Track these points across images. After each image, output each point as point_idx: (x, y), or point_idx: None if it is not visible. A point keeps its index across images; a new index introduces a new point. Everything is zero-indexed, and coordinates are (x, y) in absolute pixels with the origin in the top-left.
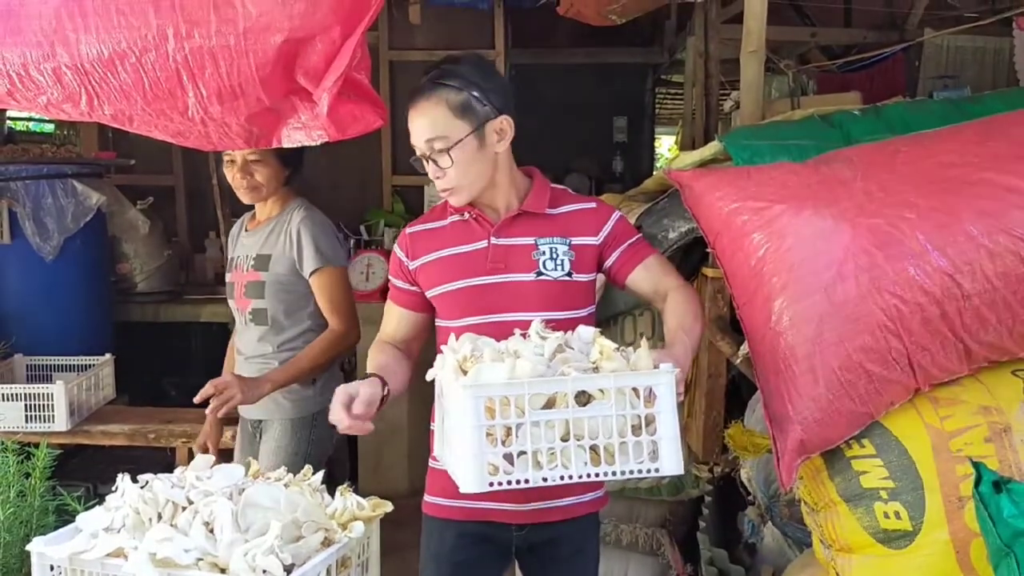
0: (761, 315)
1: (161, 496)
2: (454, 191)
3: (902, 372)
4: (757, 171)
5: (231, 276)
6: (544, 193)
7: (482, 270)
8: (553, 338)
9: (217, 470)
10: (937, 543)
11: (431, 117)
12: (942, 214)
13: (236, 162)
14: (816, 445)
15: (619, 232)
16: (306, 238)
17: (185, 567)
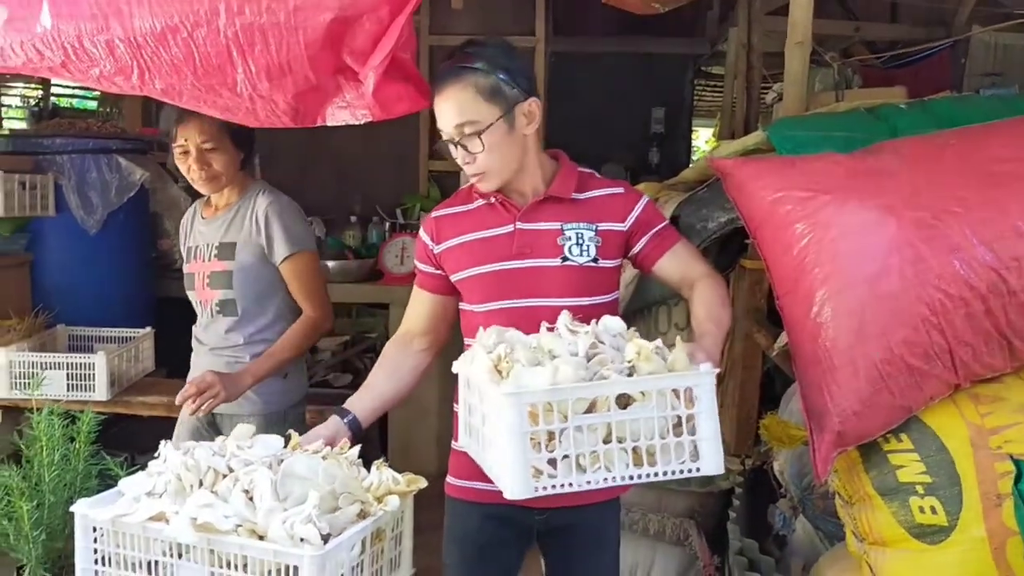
0: (802, 306)
1: (203, 463)
2: (484, 176)
3: (943, 367)
4: (802, 160)
5: (190, 267)
6: (571, 177)
7: (507, 255)
8: (584, 333)
9: (257, 440)
10: (973, 540)
11: (460, 101)
12: (990, 209)
13: (191, 152)
14: (853, 438)
15: (647, 218)
16: (275, 223)
17: (224, 532)
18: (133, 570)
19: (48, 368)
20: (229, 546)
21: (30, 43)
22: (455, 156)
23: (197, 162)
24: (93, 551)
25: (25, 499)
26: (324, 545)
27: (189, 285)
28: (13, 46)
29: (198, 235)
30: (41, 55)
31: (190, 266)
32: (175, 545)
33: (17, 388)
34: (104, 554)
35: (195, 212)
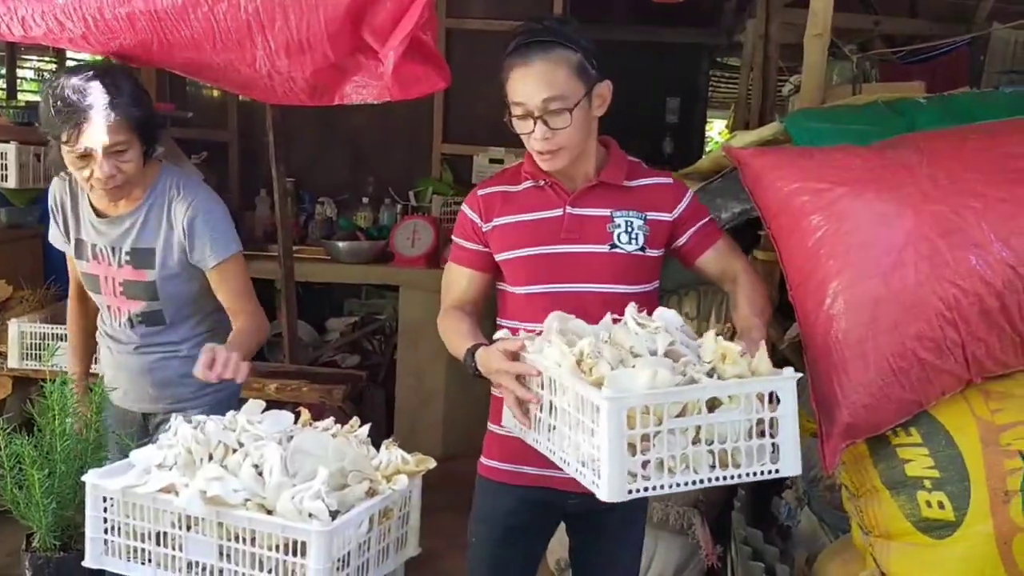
0: (815, 298)
1: (213, 437)
2: (558, 153)
3: (956, 362)
4: (819, 152)
5: (90, 266)
6: (621, 164)
7: (556, 239)
8: (658, 330)
9: (268, 416)
10: (979, 535)
11: (552, 75)
12: (1009, 205)
13: (95, 156)
14: (863, 431)
15: (693, 211)
16: (202, 230)
17: (234, 506)
18: (142, 540)
19: (59, 339)
20: (238, 519)
21: (51, 14)
22: (528, 131)
23: (105, 167)
24: (103, 520)
25: (36, 468)
26: (332, 521)
27: (91, 285)
28: (35, 16)
29: (93, 232)
30: (62, 26)
31: (90, 266)
32: (184, 517)
33: (29, 359)
34: (114, 524)
35: (77, 198)
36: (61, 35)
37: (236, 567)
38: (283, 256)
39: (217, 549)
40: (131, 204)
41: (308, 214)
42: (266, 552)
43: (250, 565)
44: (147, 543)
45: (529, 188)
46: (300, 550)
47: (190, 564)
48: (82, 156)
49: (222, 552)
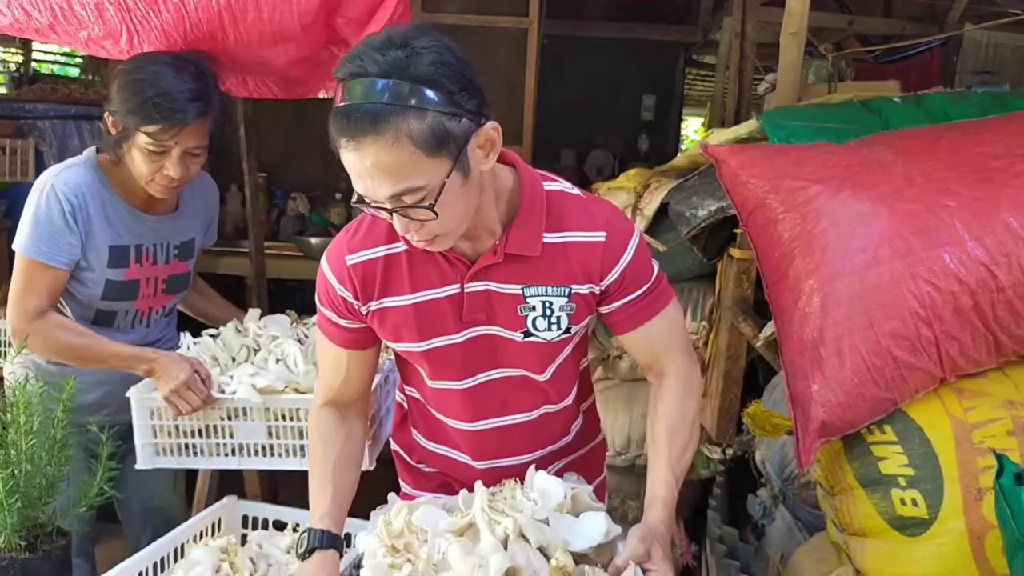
0: (791, 295)
1: (234, 343)
2: (436, 241)
3: (930, 360)
4: (795, 150)
5: (127, 272)
6: (536, 218)
7: (453, 325)
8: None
9: (269, 320)
10: (952, 532)
11: (393, 162)
12: (982, 204)
13: (169, 154)
14: (837, 428)
15: (629, 279)
16: (216, 210)
17: (280, 392)
18: (190, 436)
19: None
20: (284, 402)
21: (17, 3)
22: (395, 224)
23: (178, 167)
24: (152, 428)
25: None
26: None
27: (120, 294)
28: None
29: (140, 233)
30: (28, 16)
31: (130, 271)
32: (232, 409)
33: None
34: (160, 428)
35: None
36: (27, 25)
37: (285, 441)
38: (254, 252)
39: (266, 430)
40: (172, 199)
41: (280, 210)
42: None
43: (295, 436)
44: (194, 438)
45: (408, 255)
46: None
47: (235, 448)
48: (159, 152)
49: (271, 432)
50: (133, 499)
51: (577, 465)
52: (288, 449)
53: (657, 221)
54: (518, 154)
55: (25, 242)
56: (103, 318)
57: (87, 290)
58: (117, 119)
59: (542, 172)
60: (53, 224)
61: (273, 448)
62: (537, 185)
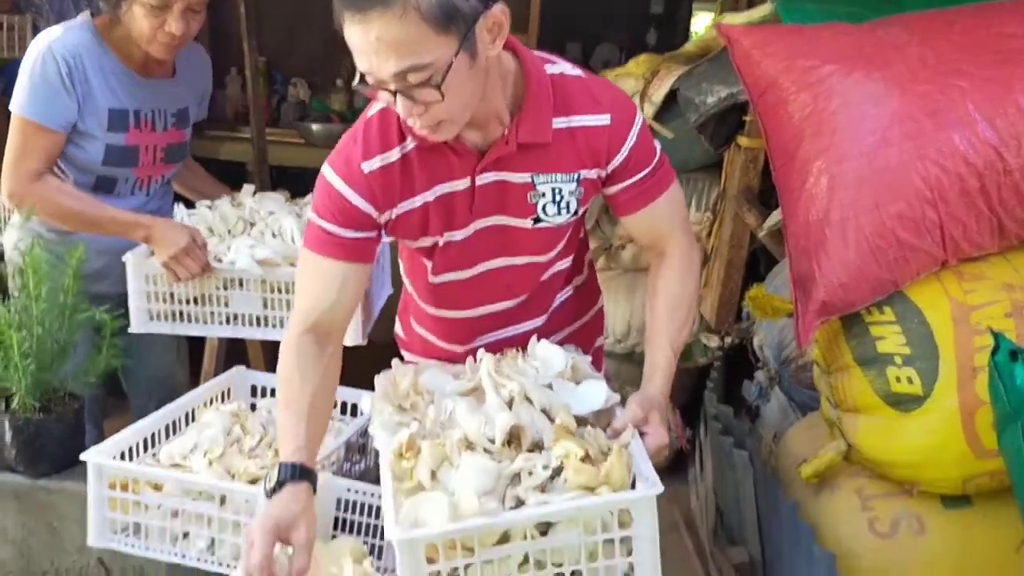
0: (799, 176)
1: (231, 215)
2: (439, 128)
3: (933, 243)
4: (809, 30)
5: (127, 137)
6: (544, 103)
7: (464, 218)
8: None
9: (264, 196)
10: (945, 409)
11: (400, 37)
12: (995, 85)
13: (171, 9)
14: (837, 308)
15: (634, 161)
16: (210, 80)
17: (277, 264)
18: (185, 303)
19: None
20: (281, 275)
21: None
22: (397, 107)
23: (179, 23)
24: (145, 293)
25: (14, 329)
26: None
27: (119, 159)
28: None
29: (139, 97)
30: None
31: (130, 136)
32: (227, 279)
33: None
34: (157, 294)
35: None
36: None
37: (279, 313)
38: (256, 137)
39: (262, 301)
40: (167, 65)
41: (280, 96)
42: None
43: (287, 309)
44: (190, 305)
45: (418, 151)
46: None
47: (230, 317)
48: (160, 8)
49: (266, 303)
50: (139, 368)
51: (574, 338)
52: (281, 320)
53: (665, 108)
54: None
55: (22, 103)
56: (104, 184)
57: (87, 155)
58: None
59: (540, 54)
60: (50, 85)
61: (268, 319)
62: (540, 69)
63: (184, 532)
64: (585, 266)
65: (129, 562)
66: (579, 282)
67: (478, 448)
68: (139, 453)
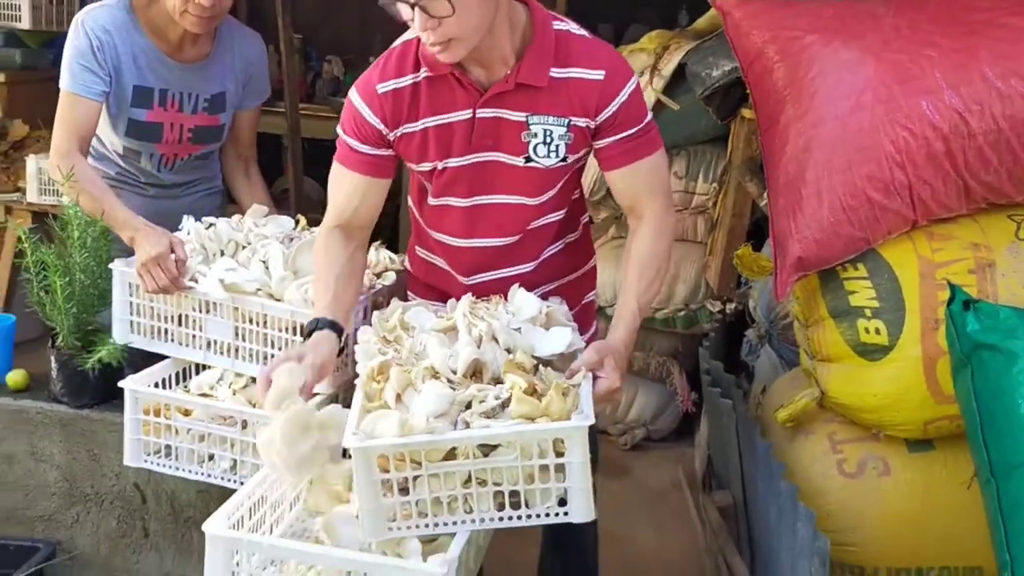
0: (780, 140)
1: (224, 236)
2: (450, 45)
3: (902, 203)
4: (796, 3)
5: (151, 114)
6: (546, 51)
7: (464, 147)
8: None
9: (271, 219)
10: (909, 358)
11: None
12: (962, 54)
13: None
14: (813, 264)
15: (624, 116)
16: (261, 67)
17: (249, 293)
18: (165, 321)
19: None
20: (252, 304)
21: None
22: (406, 19)
23: None
24: (129, 305)
25: (59, 275)
26: None
27: (142, 134)
28: None
29: (166, 77)
30: None
31: (153, 113)
32: (204, 302)
33: (46, 194)
34: (139, 307)
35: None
36: None
37: (250, 345)
38: (290, 111)
39: (233, 330)
40: (204, 47)
41: (315, 72)
42: (275, 332)
43: (262, 343)
44: (169, 324)
45: (431, 79)
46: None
47: (209, 343)
48: None
49: (237, 332)
50: None
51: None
52: (253, 354)
53: (674, 82)
54: None
55: (64, 76)
56: (128, 155)
57: (110, 128)
58: None
59: (551, 12)
60: (83, 56)
61: (239, 350)
62: (548, 23)
63: (210, 454)
64: (580, 226)
65: (162, 487)
66: (571, 239)
67: (442, 378)
68: (171, 385)
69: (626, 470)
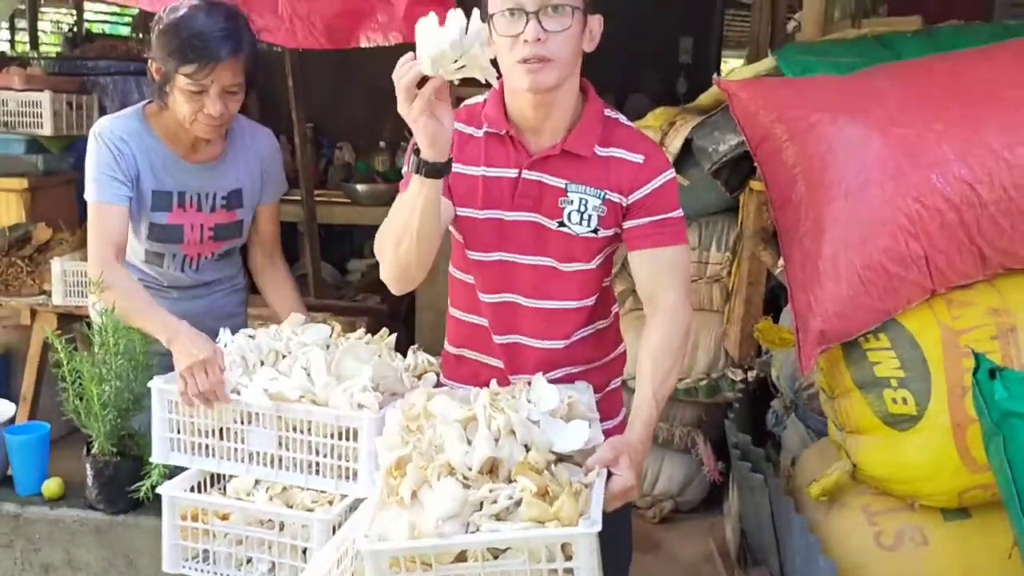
0: (793, 217)
1: (265, 345)
2: (547, 66)
3: (919, 273)
4: (799, 82)
5: (171, 217)
6: (594, 126)
7: (507, 203)
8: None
9: (308, 327)
10: (938, 427)
11: None
12: (968, 127)
13: (208, 93)
14: (835, 337)
15: (655, 201)
16: (277, 164)
17: (293, 401)
18: (204, 436)
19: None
20: (296, 412)
21: None
22: (515, 32)
23: (216, 104)
24: (168, 422)
25: (95, 383)
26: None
27: (165, 236)
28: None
29: (183, 179)
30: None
31: (173, 216)
32: (246, 413)
33: (72, 295)
34: (178, 423)
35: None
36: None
37: (294, 454)
38: (305, 198)
39: (276, 440)
40: (216, 148)
41: (327, 159)
42: (320, 439)
43: (306, 451)
44: (210, 439)
45: (490, 136)
46: (352, 436)
47: (251, 455)
48: (197, 92)
49: (281, 442)
50: None
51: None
52: (297, 464)
53: (682, 158)
54: None
55: (89, 188)
56: (151, 258)
57: (132, 234)
58: (158, 64)
59: (605, 101)
60: (107, 167)
61: (282, 460)
62: (600, 107)
63: (248, 557)
64: (611, 315)
65: None
66: (602, 326)
67: (457, 474)
68: (207, 488)
69: (657, 544)
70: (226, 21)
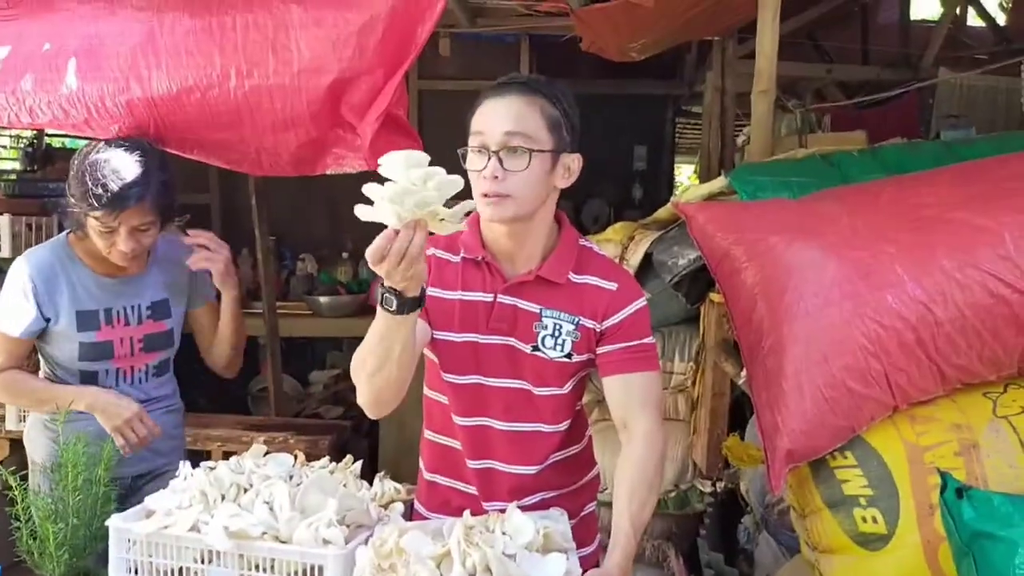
0: (755, 336)
1: (226, 479)
2: (504, 201)
3: (881, 390)
4: (755, 206)
5: (99, 335)
6: (569, 254)
7: (483, 327)
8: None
9: (270, 458)
10: (909, 545)
11: (522, 113)
12: (919, 249)
13: (118, 232)
14: (803, 455)
15: (628, 328)
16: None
17: (255, 538)
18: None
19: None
20: (259, 550)
21: (57, 103)
22: (479, 167)
23: (128, 242)
24: (125, 562)
25: (51, 521)
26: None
27: (95, 354)
28: (41, 105)
29: (104, 297)
30: (67, 113)
31: (102, 333)
32: (206, 552)
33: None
34: (135, 564)
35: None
36: (66, 121)
37: None
38: (267, 312)
39: None
40: (140, 262)
41: (289, 270)
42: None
43: None
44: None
45: (465, 262)
46: (318, 573)
47: None
48: (108, 231)
49: None
50: None
51: (567, 500)
52: None
53: (642, 271)
54: None
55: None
56: (87, 378)
57: (64, 353)
58: (74, 202)
59: (578, 232)
60: (14, 298)
61: None
62: (574, 236)
63: None
64: (584, 439)
65: None
66: (575, 451)
67: None
68: None
69: None
70: (136, 165)
